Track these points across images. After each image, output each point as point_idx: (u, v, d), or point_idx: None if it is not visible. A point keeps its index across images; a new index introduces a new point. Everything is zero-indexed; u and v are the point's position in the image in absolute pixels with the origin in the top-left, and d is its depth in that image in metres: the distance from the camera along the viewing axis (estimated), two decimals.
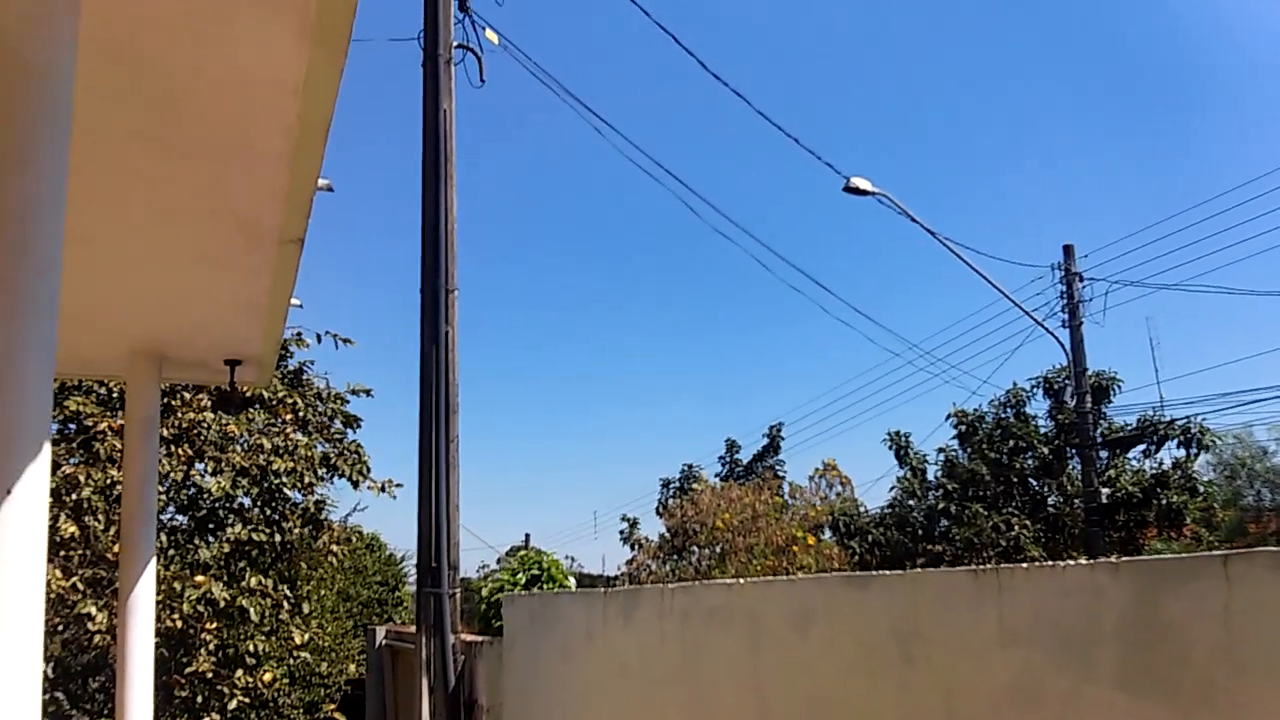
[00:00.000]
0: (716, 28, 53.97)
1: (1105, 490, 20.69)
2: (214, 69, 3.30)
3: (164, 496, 12.99)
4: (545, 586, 20.79)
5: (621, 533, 27.36)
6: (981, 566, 3.90)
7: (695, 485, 27.70)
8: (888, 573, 4.58)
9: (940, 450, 23.62)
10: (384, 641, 19.37)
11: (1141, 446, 21.86)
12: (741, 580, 5.90)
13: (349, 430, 14.99)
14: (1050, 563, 3.61)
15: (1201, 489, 20.61)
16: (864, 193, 17.26)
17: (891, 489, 24.26)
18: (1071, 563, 3.52)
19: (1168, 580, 3.19)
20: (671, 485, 29.48)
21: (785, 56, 58.71)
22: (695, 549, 24.10)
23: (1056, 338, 21.13)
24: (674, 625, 6.75)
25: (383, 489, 14.73)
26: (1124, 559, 3.35)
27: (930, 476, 23.84)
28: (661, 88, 61.83)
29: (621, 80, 55.34)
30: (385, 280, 59.04)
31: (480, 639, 12.89)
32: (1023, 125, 56.26)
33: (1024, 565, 3.69)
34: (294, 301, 5.82)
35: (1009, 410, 22.91)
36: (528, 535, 49.24)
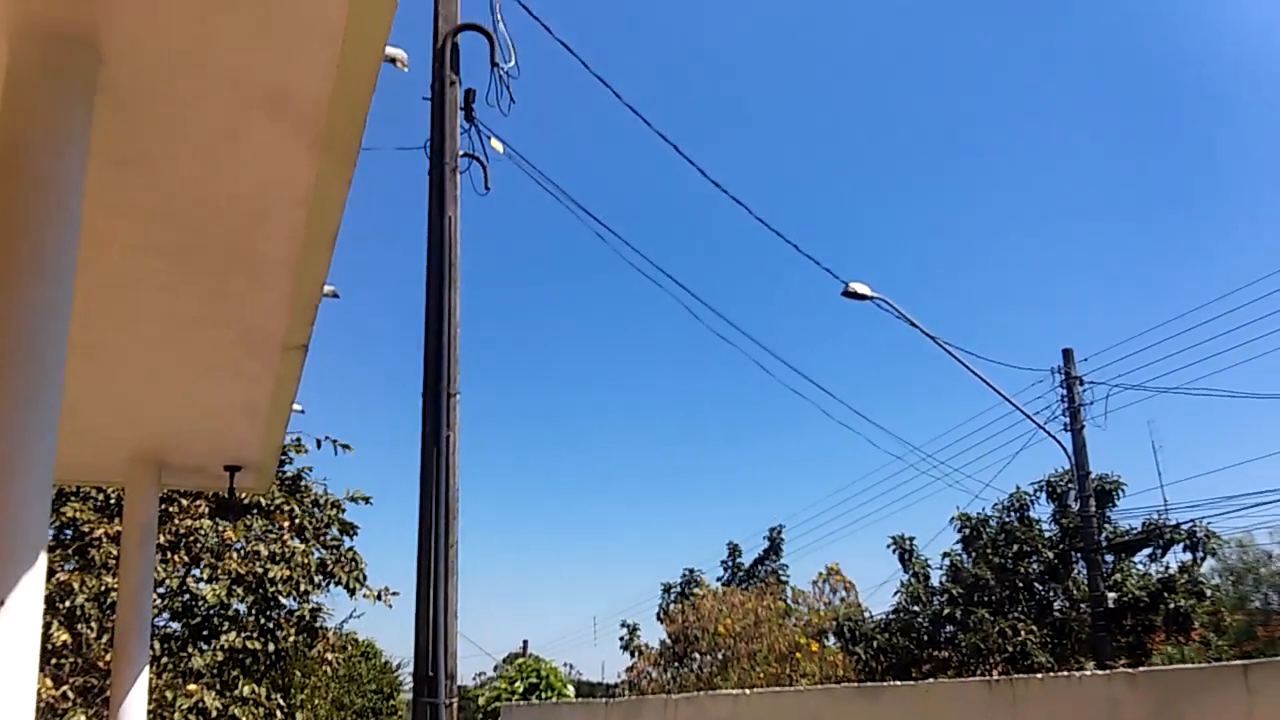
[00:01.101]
0: (715, 134, 55.01)
1: (1111, 594, 20.40)
2: (223, 181, 3.34)
3: (158, 603, 12.82)
4: (544, 695, 20.38)
5: (621, 639, 26.88)
6: (995, 677, 3.82)
7: (697, 590, 27.34)
8: (899, 683, 4.48)
9: (945, 554, 23.38)
10: None
11: (1147, 550, 21.63)
12: (747, 691, 5.78)
13: (346, 537, 14.86)
14: (1065, 673, 3.53)
15: (1208, 593, 20.35)
16: (863, 297, 17.38)
17: (896, 594, 23.94)
18: (1088, 673, 3.45)
19: (1188, 691, 3.11)
20: (673, 590, 29.07)
21: (783, 158, 59.71)
22: (697, 655, 23.69)
23: (1058, 441, 21.07)
24: None
25: (379, 597, 14.57)
26: (1142, 669, 3.28)
27: (935, 581, 23.55)
28: (662, 193, 62.77)
29: (623, 185, 56.20)
30: (386, 384, 59.08)
31: None
32: (1024, 227, 56.99)
33: (1039, 676, 3.60)
34: (295, 407, 5.82)
35: (1013, 514, 22.73)
36: (525, 642, 48.46)
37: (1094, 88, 52.16)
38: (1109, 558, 21.56)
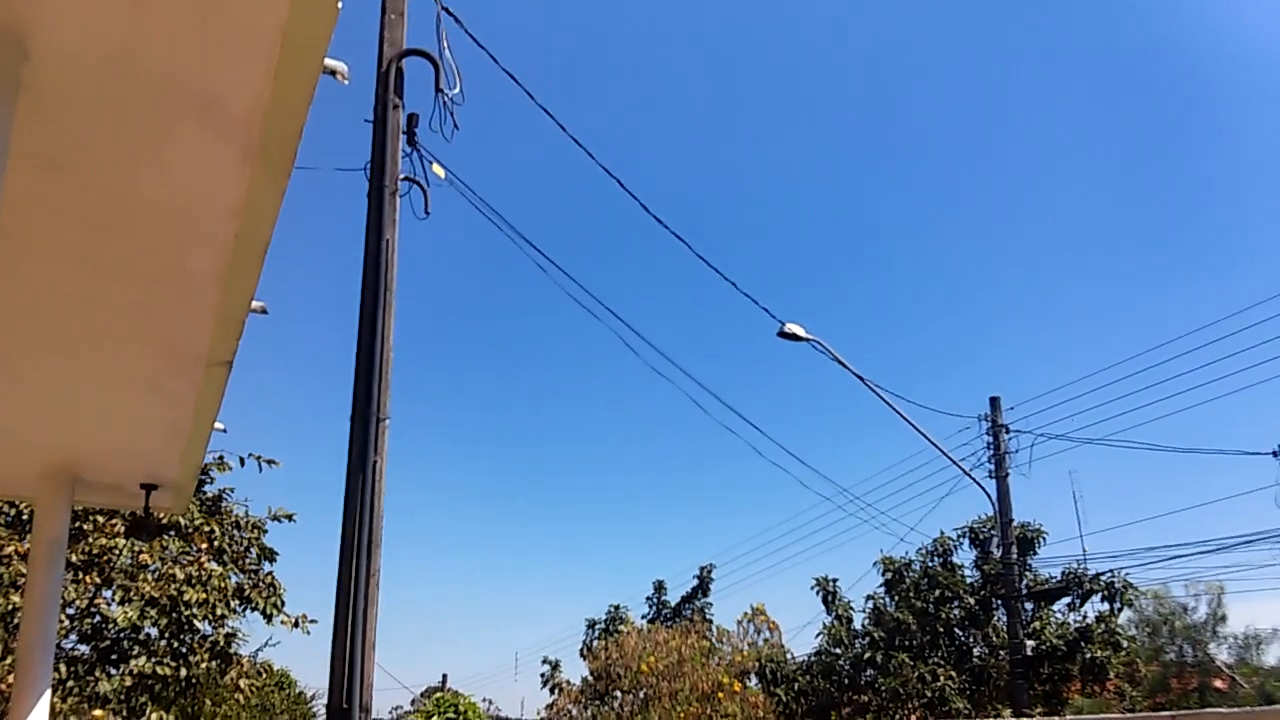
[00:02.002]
0: (658, 175, 55.39)
1: (1030, 642, 20.62)
2: (151, 189, 3.24)
3: (66, 624, 12.39)
4: None
5: (543, 675, 26.62)
6: None
7: (622, 627, 27.17)
8: None
9: (868, 597, 23.49)
10: None
11: (1066, 599, 21.94)
12: None
13: (266, 562, 14.52)
14: None
15: (1124, 644, 20.66)
16: (798, 338, 17.50)
17: (818, 635, 23.98)
18: None
19: None
20: (597, 626, 28.87)
21: (727, 200, 60.29)
22: (619, 694, 23.51)
23: (983, 488, 21.34)
24: None
25: (296, 624, 14.23)
26: (1082, 718, 3.27)
27: (857, 624, 23.64)
28: (605, 224, 62.98)
29: (564, 218, 56.29)
30: (318, 403, 58.17)
31: None
32: (957, 276, 58.05)
33: None
34: (218, 426, 5.66)
35: (936, 559, 22.91)
36: (445, 676, 47.83)
37: (1039, 128, 53.51)
38: (1029, 605, 21.82)
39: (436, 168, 10.04)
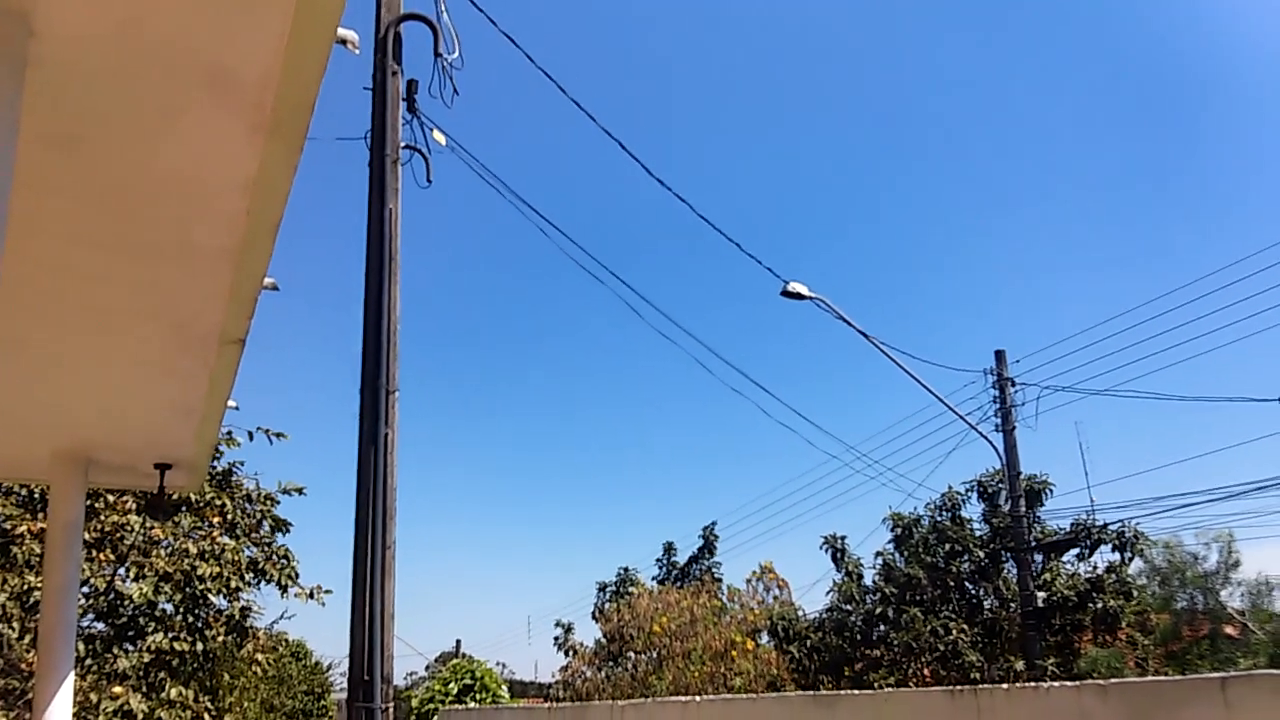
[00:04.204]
0: (667, 131, 55.06)
1: (1041, 594, 20.68)
2: (161, 165, 3.16)
3: (83, 603, 12.41)
4: (479, 696, 20.17)
5: (556, 638, 26.72)
6: (958, 687, 3.75)
7: (632, 589, 27.27)
8: (856, 692, 4.41)
9: (878, 553, 23.53)
10: None
11: (1075, 550, 21.96)
12: (697, 699, 5.68)
13: (278, 534, 14.53)
14: (1033, 684, 3.47)
15: (1135, 593, 20.69)
16: (802, 297, 17.43)
17: (829, 592, 24.04)
18: (1055, 684, 3.39)
19: (1163, 705, 3.04)
20: (608, 589, 28.97)
21: (730, 161, 59.93)
22: (632, 654, 23.62)
23: (990, 441, 21.34)
24: None
25: (311, 595, 14.27)
26: (1113, 681, 3.22)
27: (867, 580, 23.69)
28: (607, 190, 62.68)
29: (568, 182, 56.00)
30: (322, 378, 58.23)
31: None
32: (960, 229, 57.79)
33: (1004, 686, 3.55)
34: (230, 403, 5.61)
35: (944, 513, 22.92)
36: (459, 641, 48.10)
37: (1044, 82, 53.08)
38: (1038, 557, 21.86)
39: (437, 134, 9.93)
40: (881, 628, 22.54)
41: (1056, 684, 3.33)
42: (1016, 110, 54.31)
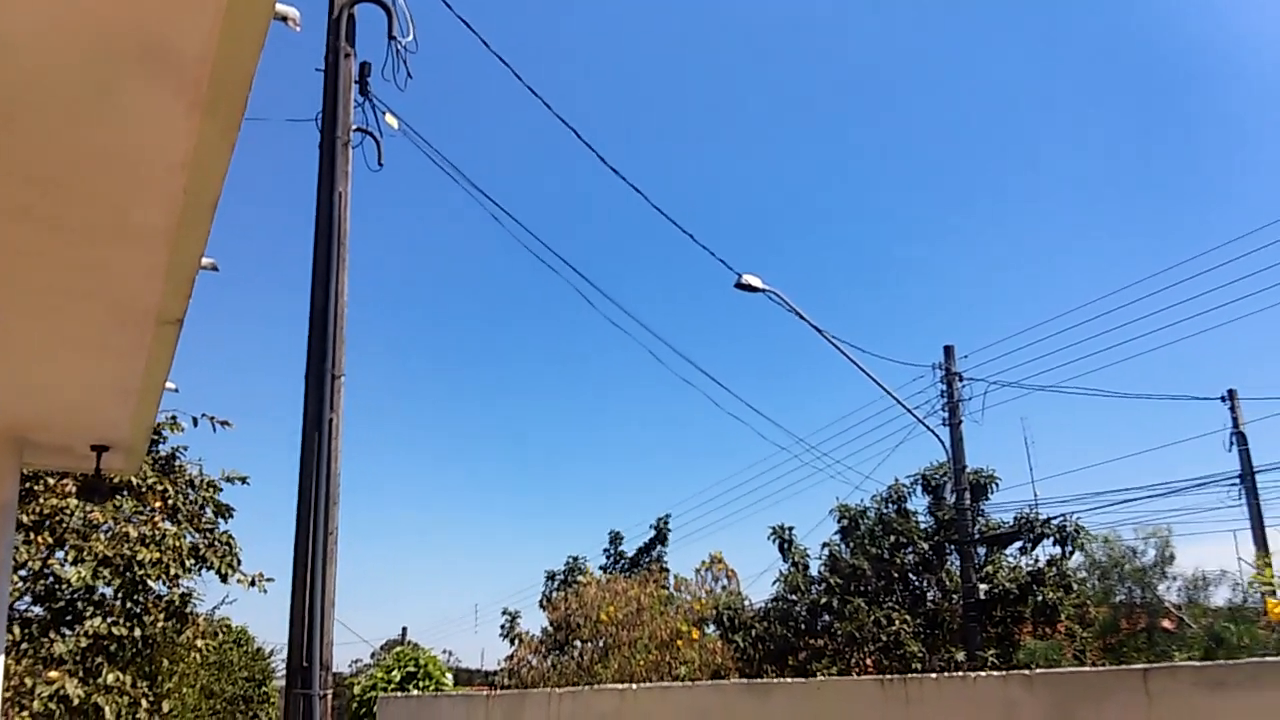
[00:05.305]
0: (616, 126, 54.89)
1: (983, 586, 21.02)
2: (96, 142, 3.10)
3: (19, 586, 12.19)
4: (422, 684, 20.08)
5: (502, 627, 26.71)
6: (888, 677, 3.79)
7: (581, 578, 27.30)
8: (789, 680, 4.46)
9: (824, 544, 23.74)
10: None
11: (1018, 544, 22.33)
12: (634, 686, 5.70)
13: (221, 520, 14.37)
14: (960, 674, 3.52)
15: (1075, 586, 21.07)
16: (755, 289, 17.50)
17: (775, 583, 24.23)
18: (983, 674, 3.44)
19: (1086, 696, 3.09)
20: (556, 578, 29.00)
21: (691, 161, 59.91)
22: (578, 643, 23.64)
23: (937, 435, 21.61)
24: None
25: (253, 583, 14.13)
26: (1039, 671, 3.27)
27: (814, 571, 23.91)
28: (559, 179, 62.46)
29: (524, 173, 55.66)
30: (271, 360, 57.50)
31: None
32: (912, 227, 58.30)
33: (933, 676, 3.58)
34: (169, 385, 5.53)
35: (891, 506, 23.18)
36: (405, 629, 47.94)
37: (1003, 73, 53.63)
38: (981, 550, 22.20)
39: (390, 118, 9.85)
40: (826, 618, 22.75)
41: (984, 674, 3.38)
42: (973, 102, 54.87)
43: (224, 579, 13.87)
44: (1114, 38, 49.08)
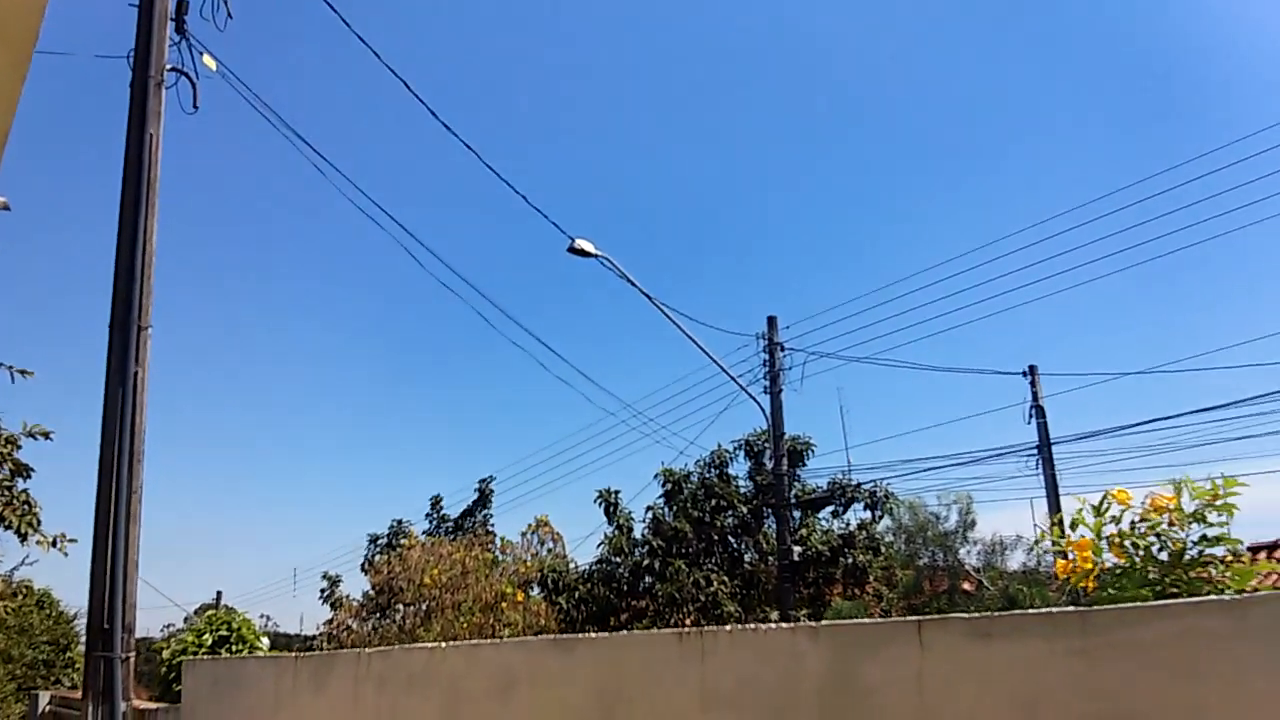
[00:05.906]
0: (458, 86, 53.91)
1: (797, 549, 21.81)
2: None
3: None
4: (235, 648, 19.56)
5: (322, 591, 26.23)
6: (685, 629, 3.92)
7: (404, 541, 27.00)
8: (593, 635, 4.55)
9: (648, 508, 24.20)
10: (47, 708, 17.63)
11: (831, 508, 23.26)
12: (443, 645, 5.71)
13: (19, 479, 13.59)
14: (752, 626, 3.68)
15: (883, 549, 22.11)
16: (587, 254, 17.54)
17: (600, 545, 24.57)
18: (773, 626, 3.60)
19: (865, 646, 3.31)
20: (379, 541, 28.59)
21: (529, 126, 59.34)
22: (401, 606, 23.41)
23: (758, 402, 22.21)
24: (370, 692, 6.46)
25: (54, 543, 13.45)
26: (824, 623, 3.45)
27: (637, 534, 24.33)
28: (393, 134, 60.97)
29: (350, 125, 54.04)
30: (78, 313, 54.49)
31: (157, 706, 11.90)
32: (746, 190, 59.36)
33: (727, 629, 3.74)
34: None
35: (713, 470, 23.77)
36: (219, 593, 46.51)
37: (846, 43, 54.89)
38: (797, 514, 23.02)
39: (208, 59, 9.44)
40: (648, 579, 23.21)
41: (774, 626, 3.57)
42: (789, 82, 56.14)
43: (23, 539, 13.17)
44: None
